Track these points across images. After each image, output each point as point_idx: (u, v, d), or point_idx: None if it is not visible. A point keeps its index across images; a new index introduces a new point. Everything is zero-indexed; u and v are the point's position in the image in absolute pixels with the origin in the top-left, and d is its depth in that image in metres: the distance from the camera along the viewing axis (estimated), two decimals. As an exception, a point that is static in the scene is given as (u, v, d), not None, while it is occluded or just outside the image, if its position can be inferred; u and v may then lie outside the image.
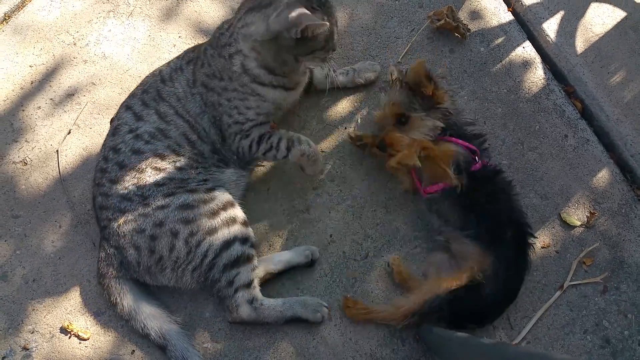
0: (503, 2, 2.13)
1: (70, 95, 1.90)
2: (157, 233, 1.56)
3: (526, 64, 2.04)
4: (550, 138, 1.95)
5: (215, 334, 1.66)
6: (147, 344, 1.64)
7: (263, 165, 1.85)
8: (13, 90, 1.90)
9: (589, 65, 2.02)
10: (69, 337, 1.66)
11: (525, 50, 2.06)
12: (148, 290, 1.68)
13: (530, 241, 1.66)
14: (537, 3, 2.11)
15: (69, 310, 1.68)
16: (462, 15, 2.07)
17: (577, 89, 2.02)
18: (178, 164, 1.63)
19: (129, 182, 1.60)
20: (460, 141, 1.68)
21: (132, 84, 1.87)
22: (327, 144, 1.90)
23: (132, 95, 1.72)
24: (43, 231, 1.76)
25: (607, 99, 1.99)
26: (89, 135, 1.86)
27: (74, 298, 1.70)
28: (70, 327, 1.67)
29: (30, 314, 1.67)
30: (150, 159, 1.61)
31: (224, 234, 1.59)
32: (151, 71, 1.74)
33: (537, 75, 2.03)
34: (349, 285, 1.74)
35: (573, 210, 1.87)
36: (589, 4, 2.11)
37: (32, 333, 1.66)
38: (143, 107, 1.66)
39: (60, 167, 1.82)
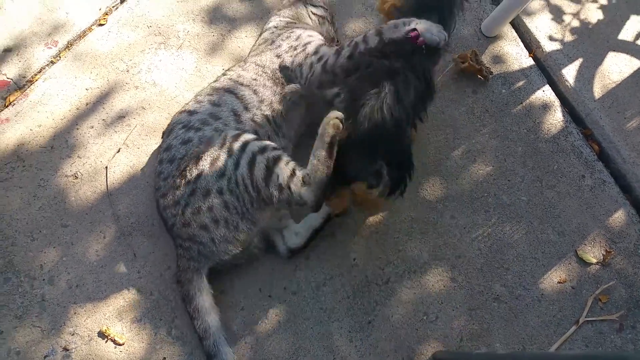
0: (525, 48, 2.29)
1: (121, 117, 2.08)
2: (210, 203, 1.68)
3: (546, 107, 2.18)
4: (568, 177, 2.07)
5: (241, 348, 1.80)
6: (178, 352, 1.75)
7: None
8: (70, 110, 2.09)
9: (606, 110, 2.15)
10: (106, 341, 1.78)
11: (545, 93, 2.20)
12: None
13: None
14: (557, 50, 2.26)
15: (107, 316, 1.81)
16: (485, 58, 2.23)
17: (595, 132, 2.14)
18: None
19: (174, 170, 1.74)
20: None
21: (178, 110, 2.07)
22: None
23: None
24: (88, 241, 1.91)
25: (623, 143, 2.11)
26: (136, 154, 2.03)
27: (112, 304, 1.83)
28: (107, 331, 1.79)
29: (72, 317, 1.81)
30: (195, 143, 1.76)
31: (245, 160, 1.68)
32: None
33: (556, 118, 2.16)
34: (370, 308, 1.85)
35: (589, 247, 1.97)
36: (607, 52, 2.26)
37: (72, 335, 1.79)
38: (196, 104, 1.85)
39: (108, 182, 1.98)
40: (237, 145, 1.70)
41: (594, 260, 1.93)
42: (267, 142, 1.74)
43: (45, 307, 1.82)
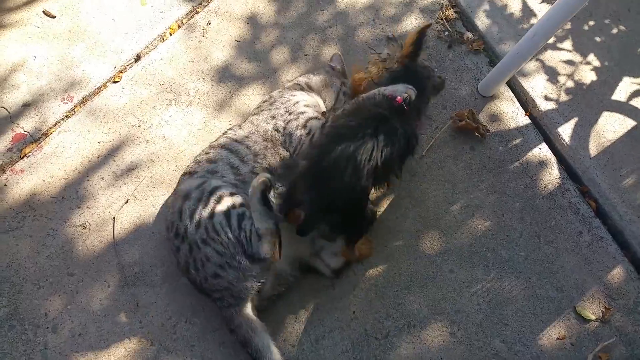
0: (521, 107, 2.38)
1: (130, 169, 2.18)
2: (205, 253, 1.77)
3: (542, 164, 2.25)
4: (566, 233, 2.12)
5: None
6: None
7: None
8: (81, 162, 2.20)
9: (602, 168, 2.22)
10: None
11: (542, 151, 2.28)
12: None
13: None
14: (553, 109, 2.35)
15: (107, 366, 1.88)
16: (482, 117, 2.33)
17: (591, 189, 2.20)
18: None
19: (177, 228, 1.85)
20: None
21: (185, 163, 2.14)
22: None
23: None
24: (93, 289, 1.97)
25: (619, 200, 2.17)
26: (143, 205, 2.11)
27: (113, 354, 1.86)
28: None
29: (72, 366, 1.88)
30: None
31: (218, 212, 1.78)
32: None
33: (552, 175, 2.23)
34: (369, 362, 1.89)
35: (588, 304, 1.99)
36: (601, 112, 2.35)
37: None
38: (196, 165, 1.99)
39: (114, 233, 2.06)
40: (212, 200, 1.80)
41: (593, 317, 1.95)
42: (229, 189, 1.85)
43: (48, 355, 1.86)
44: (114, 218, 2.09)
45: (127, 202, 2.11)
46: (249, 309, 1.83)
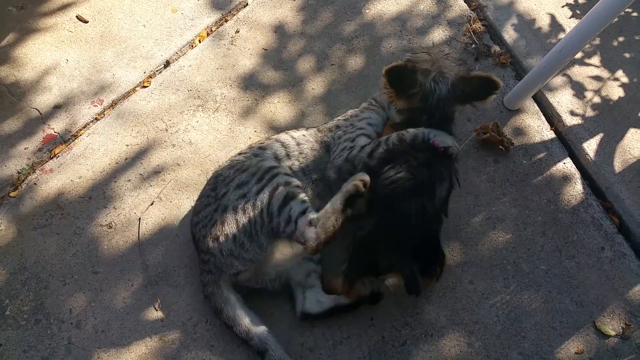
0: (546, 122, 2.53)
1: (157, 172, 2.38)
2: (225, 218, 1.94)
3: (566, 178, 2.39)
4: (588, 249, 2.24)
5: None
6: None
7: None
8: (109, 164, 2.40)
9: (626, 184, 2.34)
10: None
11: (566, 165, 2.41)
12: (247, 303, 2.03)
13: None
14: (579, 124, 2.49)
15: (129, 363, 2.05)
16: (507, 130, 2.47)
17: (615, 205, 2.33)
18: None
19: (208, 189, 2.05)
20: None
21: (211, 168, 2.34)
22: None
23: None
24: (117, 288, 2.15)
25: (644, 217, 2.31)
26: (168, 207, 2.30)
27: (135, 351, 2.03)
28: None
29: (95, 361, 2.05)
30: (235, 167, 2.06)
31: (268, 188, 1.93)
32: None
33: (576, 190, 2.36)
34: (385, 369, 2.03)
35: (608, 320, 2.11)
36: (628, 129, 2.48)
37: None
38: (247, 148, 2.20)
39: (139, 233, 2.25)
40: (266, 176, 1.97)
41: (613, 333, 2.06)
42: (294, 179, 2.00)
43: (71, 350, 2.04)
44: (139, 219, 2.28)
45: (152, 204, 2.30)
46: (225, 282, 2.01)
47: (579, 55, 2.68)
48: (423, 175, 1.87)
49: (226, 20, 2.80)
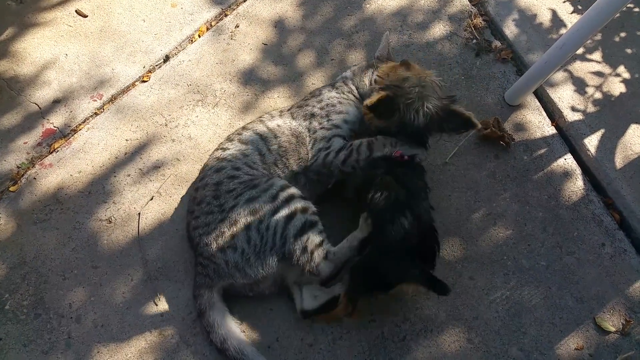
0: (547, 117, 2.54)
1: (156, 167, 2.39)
2: (235, 231, 1.95)
3: (567, 174, 2.40)
4: (588, 245, 2.25)
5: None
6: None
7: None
8: (109, 159, 2.41)
9: (627, 180, 2.35)
10: None
11: (567, 161, 2.42)
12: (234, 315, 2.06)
13: None
14: (580, 120, 2.50)
15: (128, 357, 2.02)
16: (508, 126, 2.48)
17: (616, 201, 2.34)
18: (250, 173, 2.07)
19: (209, 196, 2.04)
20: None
21: (210, 162, 2.39)
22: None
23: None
24: (116, 282, 2.16)
25: (645, 213, 2.32)
26: (168, 202, 2.31)
27: (134, 346, 2.04)
28: None
29: (95, 355, 2.02)
30: (228, 170, 2.07)
31: (285, 211, 1.95)
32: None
33: (577, 186, 2.37)
34: (385, 365, 2.05)
35: (608, 316, 2.12)
36: (629, 124, 2.49)
37: None
38: (228, 141, 2.18)
39: (139, 228, 2.27)
40: (282, 196, 1.98)
41: (613, 329, 2.08)
42: (310, 204, 2.03)
43: (71, 344, 2.05)
44: (139, 214, 2.29)
45: (152, 198, 2.31)
46: (218, 288, 2.04)
47: (580, 50, 2.68)
48: (400, 189, 1.92)
49: (226, 15, 2.81)
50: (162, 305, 2.11)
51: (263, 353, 1.98)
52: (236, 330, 2.01)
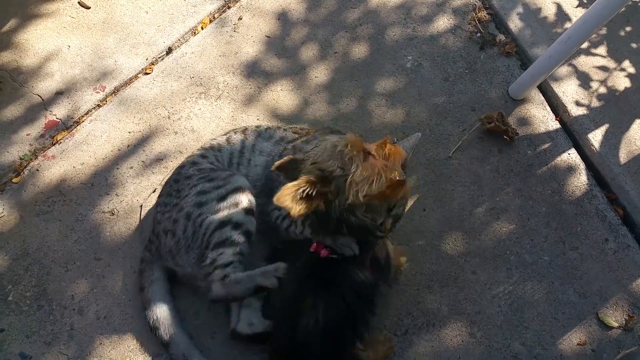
0: (551, 112, 2.53)
1: (159, 159, 2.40)
2: (177, 217, 1.97)
3: (570, 169, 2.39)
4: (591, 240, 2.25)
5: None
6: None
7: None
8: (111, 151, 2.42)
9: (631, 176, 2.35)
10: None
11: (570, 156, 2.42)
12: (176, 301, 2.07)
13: None
14: (584, 115, 2.50)
15: (130, 349, 2.03)
16: (512, 120, 2.48)
17: (620, 196, 2.33)
18: (214, 163, 2.08)
19: (171, 179, 2.08)
20: None
21: (213, 155, 2.39)
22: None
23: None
24: (119, 274, 2.17)
25: (648, 209, 2.32)
26: (170, 195, 2.35)
27: (136, 338, 2.05)
28: None
29: (97, 347, 2.04)
30: (194, 158, 2.10)
31: (222, 215, 1.93)
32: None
33: (580, 181, 2.37)
34: (387, 359, 2.05)
35: (611, 311, 2.12)
36: (634, 120, 2.48)
37: None
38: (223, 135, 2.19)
39: (141, 220, 2.28)
40: (230, 200, 1.95)
41: (616, 324, 2.08)
42: (248, 222, 1.97)
43: (73, 335, 2.07)
44: (141, 206, 2.30)
45: (154, 191, 2.31)
46: (159, 266, 2.06)
47: (585, 45, 2.67)
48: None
49: (229, 7, 2.80)
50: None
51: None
52: (170, 312, 2.01)
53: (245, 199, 1.98)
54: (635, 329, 2.08)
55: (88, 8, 2.76)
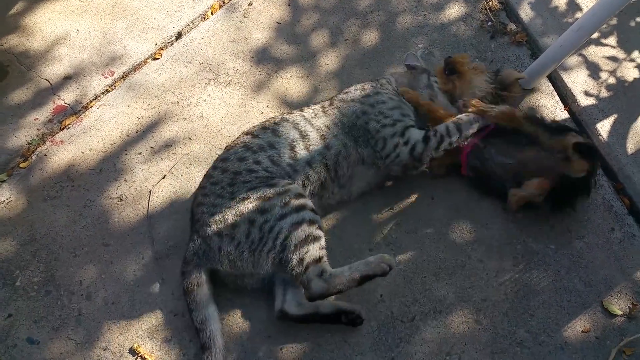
0: (560, 102, 2.56)
1: (168, 146, 2.42)
2: (237, 222, 1.98)
3: (578, 159, 2.44)
4: (598, 229, 2.27)
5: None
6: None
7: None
8: (120, 137, 2.44)
9: (638, 166, 2.37)
10: (136, 358, 2.03)
11: (578, 146, 2.47)
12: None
13: None
14: (592, 105, 2.52)
15: (139, 334, 2.06)
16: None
17: (626, 186, 2.36)
18: (270, 169, 2.09)
19: (225, 182, 2.06)
20: None
21: (222, 142, 2.38)
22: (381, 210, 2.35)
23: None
24: (127, 260, 2.20)
25: (655, 199, 2.34)
26: (179, 181, 2.34)
27: (145, 323, 2.08)
28: (138, 349, 2.03)
29: (105, 332, 2.07)
30: (249, 163, 2.09)
31: (293, 218, 1.96)
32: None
33: (588, 170, 2.42)
34: (394, 344, 2.06)
35: (615, 299, 2.15)
36: (642, 110, 2.53)
37: (104, 350, 2.04)
38: (261, 130, 2.19)
39: (149, 206, 2.30)
40: (294, 203, 1.99)
41: (620, 312, 2.12)
42: (318, 218, 2.04)
43: (81, 321, 2.09)
44: (150, 192, 2.32)
45: (164, 177, 2.34)
46: (207, 269, 2.05)
47: (595, 35, 2.68)
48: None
49: (239, -7, 2.82)
50: (173, 283, 2.14)
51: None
52: (216, 315, 2.03)
53: (308, 202, 2.04)
54: (638, 317, 2.11)
55: (96, -8, 2.77)
